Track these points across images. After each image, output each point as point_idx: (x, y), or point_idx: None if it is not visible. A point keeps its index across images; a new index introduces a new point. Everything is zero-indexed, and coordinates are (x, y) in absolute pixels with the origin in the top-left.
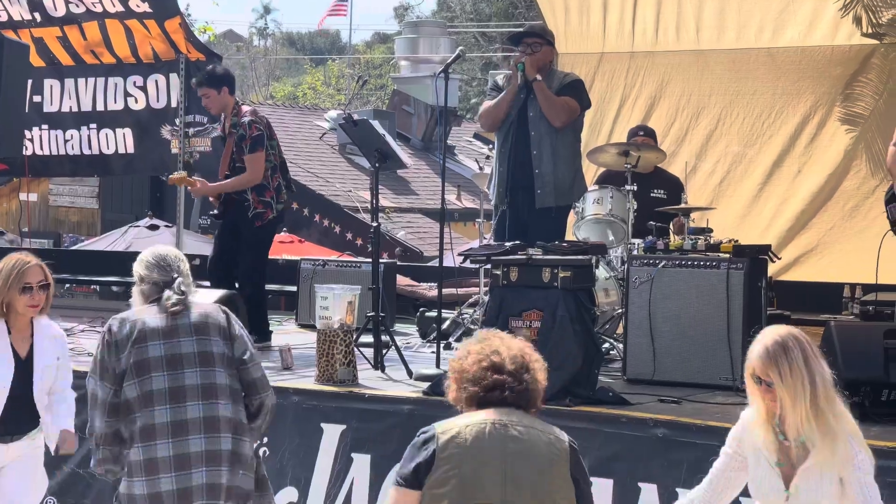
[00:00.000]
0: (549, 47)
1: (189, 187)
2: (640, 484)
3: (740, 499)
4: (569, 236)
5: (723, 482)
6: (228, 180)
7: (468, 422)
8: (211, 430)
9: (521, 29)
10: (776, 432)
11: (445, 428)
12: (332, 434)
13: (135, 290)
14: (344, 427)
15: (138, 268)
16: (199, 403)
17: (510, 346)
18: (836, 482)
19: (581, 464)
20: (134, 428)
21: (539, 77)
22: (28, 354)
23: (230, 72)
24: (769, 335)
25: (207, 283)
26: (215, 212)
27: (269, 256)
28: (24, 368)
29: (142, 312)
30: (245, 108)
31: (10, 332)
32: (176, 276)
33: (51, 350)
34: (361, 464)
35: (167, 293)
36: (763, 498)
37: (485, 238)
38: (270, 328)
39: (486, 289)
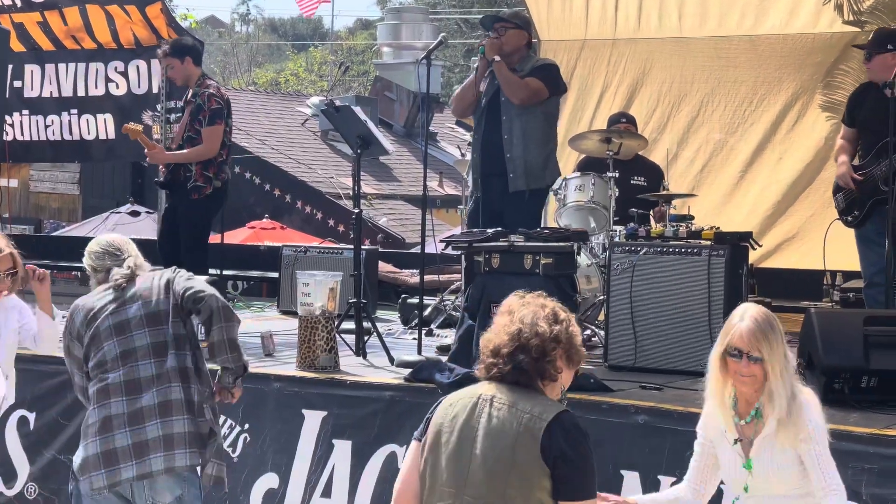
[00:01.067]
0: (517, 31)
1: (146, 149)
2: (622, 472)
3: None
4: (550, 223)
5: (700, 476)
6: (184, 151)
7: (465, 393)
8: (163, 383)
9: (493, 13)
10: (732, 413)
11: (451, 395)
12: (313, 420)
13: (92, 283)
14: (325, 413)
15: (88, 261)
16: (151, 362)
17: (511, 323)
18: (793, 454)
19: (563, 443)
20: (90, 394)
21: (498, 58)
22: None
23: (195, 44)
24: (751, 312)
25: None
26: (160, 179)
27: (251, 243)
28: None
29: (92, 294)
30: (210, 82)
31: None
32: (126, 256)
33: (13, 319)
34: (342, 450)
35: (115, 270)
36: (729, 476)
37: (465, 225)
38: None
39: (459, 276)
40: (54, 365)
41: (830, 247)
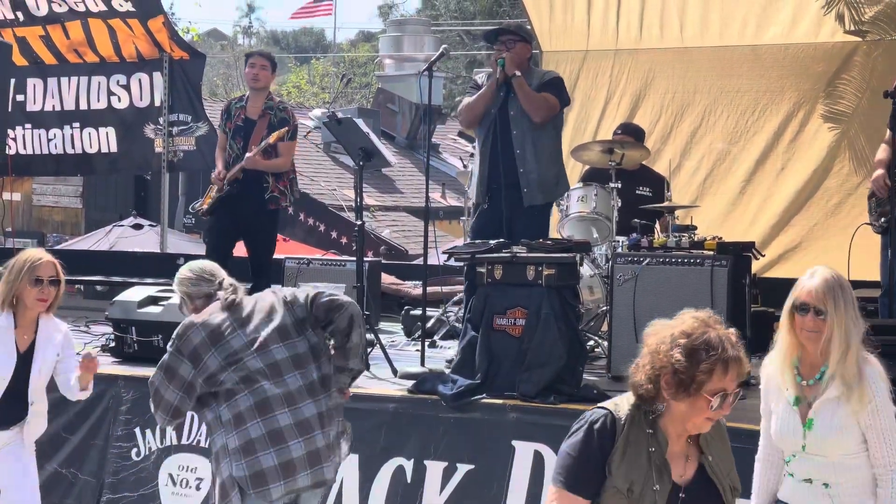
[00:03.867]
0: (524, 44)
1: (253, 154)
2: None
3: None
4: (553, 234)
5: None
6: (273, 161)
7: None
8: (314, 395)
9: (496, 27)
10: (794, 373)
11: None
12: None
13: (187, 312)
14: None
15: (184, 288)
16: (296, 374)
17: (651, 340)
18: (854, 420)
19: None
20: (240, 409)
21: (518, 73)
22: (28, 349)
23: None
24: (826, 270)
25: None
26: (230, 189)
27: None
28: (22, 363)
29: (207, 314)
30: (279, 99)
31: (16, 326)
32: (221, 279)
33: (52, 347)
34: (350, 464)
35: (219, 293)
36: (782, 438)
37: (469, 236)
38: None
39: (462, 287)
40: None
41: (834, 256)
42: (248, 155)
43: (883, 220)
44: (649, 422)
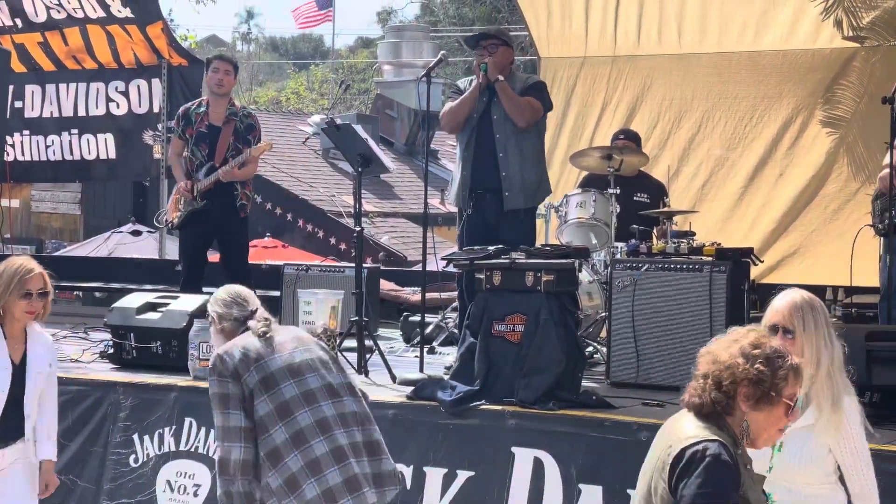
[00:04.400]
0: (506, 48)
1: (231, 166)
2: (629, 491)
3: None
4: (552, 240)
5: None
6: (244, 170)
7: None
8: (346, 426)
9: (477, 31)
10: None
11: None
12: None
13: (213, 331)
14: None
15: (215, 308)
16: (329, 402)
17: (721, 354)
18: (824, 448)
19: (689, 476)
20: (276, 444)
21: (501, 77)
22: (21, 360)
23: None
24: (795, 292)
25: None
26: (201, 205)
27: (252, 262)
28: (17, 374)
29: (240, 340)
30: (240, 104)
31: (5, 338)
32: (254, 308)
33: (44, 357)
34: None
35: (252, 322)
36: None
37: (458, 243)
38: None
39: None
40: (58, 386)
41: (832, 261)
42: (225, 168)
43: (886, 221)
44: (734, 441)
